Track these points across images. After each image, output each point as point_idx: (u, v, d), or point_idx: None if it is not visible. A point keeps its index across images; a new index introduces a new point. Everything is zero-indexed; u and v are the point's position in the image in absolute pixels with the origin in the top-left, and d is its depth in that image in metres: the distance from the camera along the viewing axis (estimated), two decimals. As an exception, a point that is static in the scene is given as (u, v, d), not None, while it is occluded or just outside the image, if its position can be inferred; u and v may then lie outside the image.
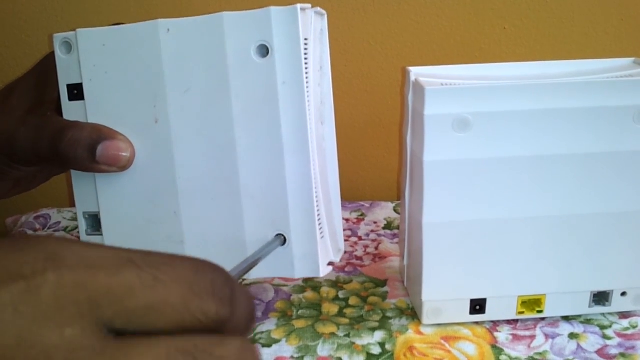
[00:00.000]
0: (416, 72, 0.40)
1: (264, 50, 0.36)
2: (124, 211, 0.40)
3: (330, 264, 0.40)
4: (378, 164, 0.68)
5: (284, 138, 0.37)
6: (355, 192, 0.67)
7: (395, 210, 0.61)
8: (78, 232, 0.57)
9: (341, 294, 0.46)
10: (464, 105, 0.37)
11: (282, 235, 0.38)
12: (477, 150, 0.38)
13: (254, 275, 0.39)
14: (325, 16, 0.39)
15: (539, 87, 0.37)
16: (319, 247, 0.38)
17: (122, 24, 0.42)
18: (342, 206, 0.43)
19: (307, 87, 0.36)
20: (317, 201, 0.38)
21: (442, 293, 0.41)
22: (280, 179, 0.37)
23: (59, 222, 0.59)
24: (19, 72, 0.65)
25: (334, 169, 0.42)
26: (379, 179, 0.69)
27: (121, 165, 0.38)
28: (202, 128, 0.37)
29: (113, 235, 0.40)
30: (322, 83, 0.40)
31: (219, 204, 0.38)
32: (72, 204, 0.63)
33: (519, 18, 0.63)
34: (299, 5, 0.35)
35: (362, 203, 0.62)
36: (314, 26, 0.38)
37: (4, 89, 0.42)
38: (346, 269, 0.50)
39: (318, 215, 0.38)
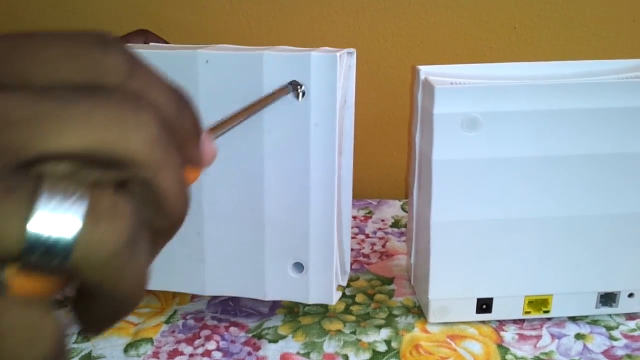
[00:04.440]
0: (426, 71, 0.40)
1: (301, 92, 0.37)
2: None
3: (337, 287, 0.42)
4: (386, 162, 0.68)
5: (312, 175, 0.38)
6: (363, 190, 0.67)
7: (403, 209, 0.61)
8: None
9: (348, 292, 0.46)
10: (474, 104, 0.37)
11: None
12: (486, 150, 0.38)
13: (270, 297, 0.40)
14: (355, 54, 0.40)
15: (549, 88, 0.37)
16: (335, 277, 0.40)
17: (146, 30, 0.42)
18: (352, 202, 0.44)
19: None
20: (335, 232, 0.39)
21: (449, 292, 0.41)
22: (304, 212, 0.38)
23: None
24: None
25: (347, 195, 0.43)
26: (387, 177, 0.69)
27: None
28: (232, 158, 0.38)
29: None
30: (345, 116, 0.40)
31: (242, 230, 0.39)
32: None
33: (530, 18, 0.63)
34: (338, 54, 0.36)
35: (370, 201, 0.63)
36: (344, 65, 0.38)
37: None
38: (353, 267, 0.50)
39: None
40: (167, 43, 0.43)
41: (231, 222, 0.39)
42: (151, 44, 0.42)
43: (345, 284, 0.43)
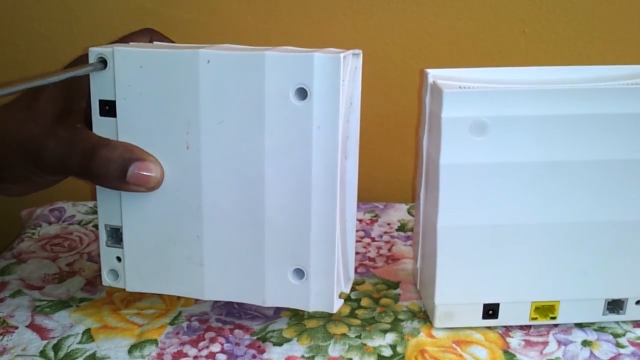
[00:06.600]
0: (434, 74, 0.40)
1: (303, 94, 0.36)
2: (146, 229, 0.40)
3: (340, 294, 0.41)
4: (393, 165, 0.68)
5: (313, 178, 0.37)
6: (369, 192, 0.67)
7: (409, 212, 0.60)
8: (92, 226, 0.57)
9: (353, 295, 0.46)
10: (482, 108, 0.37)
11: None
12: (493, 155, 0.38)
13: (269, 303, 0.40)
14: (361, 55, 0.39)
15: (557, 93, 0.37)
16: (335, 284, 0.39)
17: (151, 29, 0.42)
18: (356, 207, 0.43)
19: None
20: (337, 238, 0.39)
21: (455, 297, 0.41)
22: (305, 216, 0.38)
23: (74, 216, 0.60)
24: (34, 64, 0.66)
25: (352, 199, 0.42)
26: (393, 180, 0.68)
27: (150, 187, 0.38)
28: (232, 159, 0.38)
29: (133, 250, 0.41)
30: (350, 119, 0.40)
31: (242, 233, 0.39)
32: (87, 198, 0.64)
33: (539, 22, 0.63)
34: (342, 55, 0.35)
35: (376, 204, 0.62)
36: (350, 67, 0.38)
37: (28, 90, 0.42)
38: (358, 270, 0.50)
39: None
40: (173, 43, 0.43)
41: (231, 226, 0.39)
42: (155, 43, 0.42)
43: (348, 290, 0.43)
